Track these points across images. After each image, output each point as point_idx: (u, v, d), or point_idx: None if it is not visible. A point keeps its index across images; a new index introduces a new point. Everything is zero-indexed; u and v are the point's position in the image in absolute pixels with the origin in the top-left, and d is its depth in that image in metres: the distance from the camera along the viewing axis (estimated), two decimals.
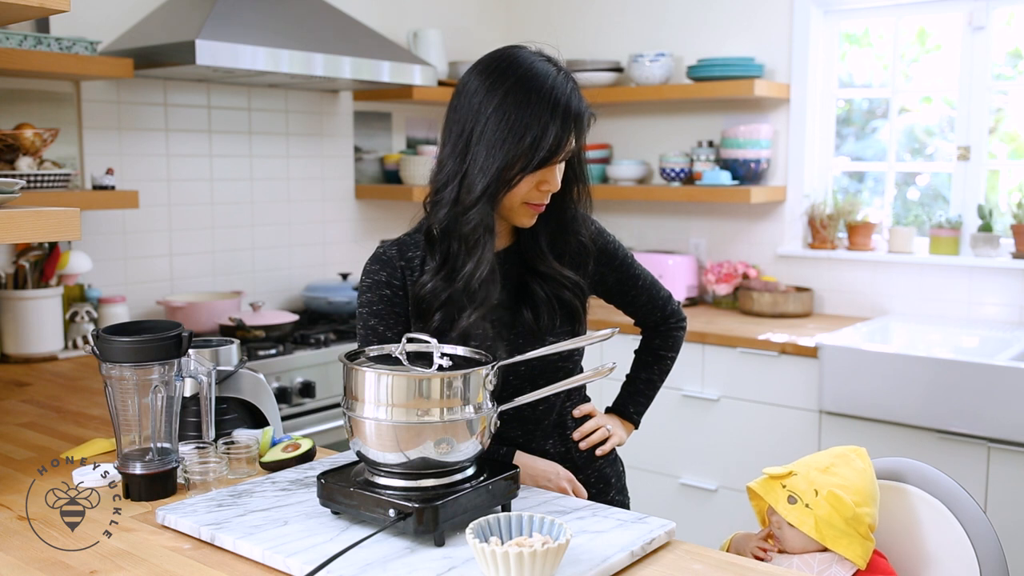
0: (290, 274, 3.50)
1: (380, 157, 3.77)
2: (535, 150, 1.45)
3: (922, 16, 3.40)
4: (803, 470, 1.53)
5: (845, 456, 1.55)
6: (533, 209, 1.53)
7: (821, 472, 1.51)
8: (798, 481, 1.51)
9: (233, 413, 1.76)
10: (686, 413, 3.23)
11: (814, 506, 1.48)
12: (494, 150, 1.45)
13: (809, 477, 1.51)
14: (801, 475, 1.52)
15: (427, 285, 1.52)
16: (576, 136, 1.50)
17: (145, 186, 3.02)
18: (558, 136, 1.45)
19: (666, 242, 3.89)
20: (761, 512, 1.59)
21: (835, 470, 1.52)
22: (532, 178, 1.49)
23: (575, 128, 1.49)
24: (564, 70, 1.52)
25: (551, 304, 1.58)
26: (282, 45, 2.80)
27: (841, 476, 1.50)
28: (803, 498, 1.49)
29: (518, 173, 1.46)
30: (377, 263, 1.61)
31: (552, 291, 1.58)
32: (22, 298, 2.63)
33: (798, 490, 1.50)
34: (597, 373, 1.38)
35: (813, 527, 1.47)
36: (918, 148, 3.53)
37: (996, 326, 3.11)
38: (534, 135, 1.44)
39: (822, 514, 1.47)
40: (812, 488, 1.49)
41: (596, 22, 3.98)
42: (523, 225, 1.56)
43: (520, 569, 1.09)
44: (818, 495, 1.48)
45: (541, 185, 1.50)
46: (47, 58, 2.52)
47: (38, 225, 1.50)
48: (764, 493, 1.54)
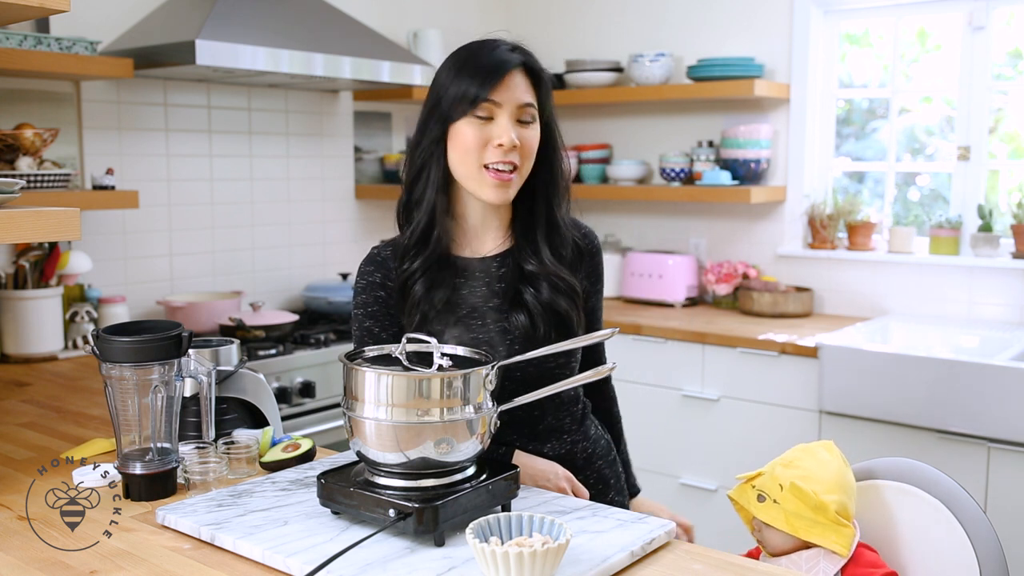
0: (290, 274, 3.50)
1: (380, 157, 3.77)
2: (458, 100, 1.50)
3: (922, 16, 3.40)
4: (769, 468, 1.58)
5: (809, 450, 1.59)
6: (495, 177, 1.51)
7: (784, 467, 1.56)
8: (765, 479, 1.56)
9: (233, 413, 1.76)
10: (686, 413, 3.23)
11: (781, 500, 1.52)
12: (428, 108, 1.55)
13: (774, 474, 1.56)
14: (767, 473, 1.57)
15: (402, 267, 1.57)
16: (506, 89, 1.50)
17: (145, 186, 3.02)
18: (476, 81, 1.49)
19: (666, 242, 3.89)
20: (747, 520, 1.62)
21: (797, 463, 1.55)
22: (471, 132, 1.50)
23: (494, 76, 1.49)
24: (508, 44, 1.55)
25: (546, 314, 1.57)
26: (282, 45, 2.80)
27: (803, 468, 1.54)
28: (770, 494, 1.54)
29: (447, 123, 1.52)
30: (371, 264, 1.61)
31: (547, 299, 1.57)
32: (22, 298, 2.63)
33: (765, 488, 1.55)
34: (597, 373, 1.38)
35: (784, 521, 1.51)
36: (918, 148, 3.54)
37: (996, 326, 3.11)
38: (458, 86, 1.51)
39: (790, 507, 1.51)
40: (777, 484, 1.54)
41: (596, 22, 3.98)
42: (490, 199, 1.53)
43: (520, 569, 1.09)
44: (783, 489, 1.52)
45: (493, 141, 1.50)
46: (47, 58, 2.52)
47: (38, 225, 1.50)
48: (738, 497, 1.60)
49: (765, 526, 1.54)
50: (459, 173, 1.54)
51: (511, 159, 1.51)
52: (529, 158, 1.55)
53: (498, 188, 1.52)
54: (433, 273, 1.56)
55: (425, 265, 1.56)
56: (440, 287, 1.56)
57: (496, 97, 1.50)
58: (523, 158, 1.53)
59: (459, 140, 1.52)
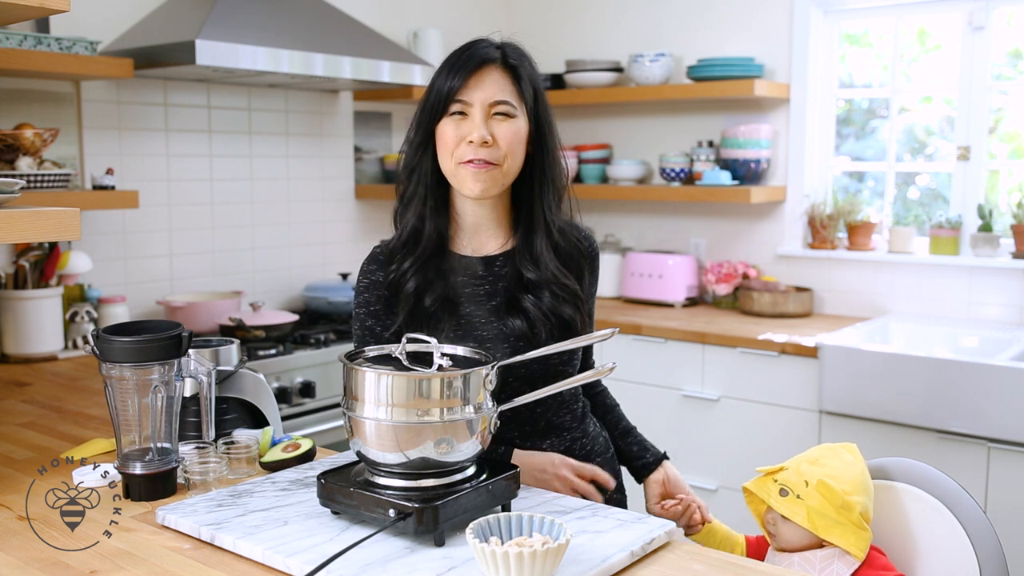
0: (290, 274, 3.50)
1: (380, 157, 3.77)
2: (437, 98, 1.54)
3: (922, 16, 3.40)
4: (794, 464, 1.57)
5: (834, 450, 1.58)
6: (469, 168, 1.52)
7: (811, 464, 1.55)
8: (789, 474, 1.55)
9: (233, 413, 1.76)
10: (686, 413, 3.23)
11: (805, 496, 1.51)
12: (417, 112, 1.58)
13: (799, 469, 1.54)
14: (792, 469, 1.55)
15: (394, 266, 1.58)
16: (476, 85, 1.52)
17: (145, 186, 3.02)
18: (450, 80, 1.52)
19: (666, 242, 3.89)
20: (759, 514, 1.61)
21: (824, 461, 1.55)
22: (450, 130, 1.53)
23: (464, 72, 1.52)
24: (487, 42, 1.57)
25: (547, 320, 1.57)
26: (282, 45, 2.80)
27: (830, 467, 1.53)
28: (794, 490, 1.52)
29: (432, 122, 1.55)
30: (374, 263, 1.61)
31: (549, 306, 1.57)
32: (22, 298, 2.63)
33: (789, 483, 1.53)
34: (597, 373, 1.38)
35: (805, 517, 1.50)
36: (918, 148, 3.53)
37: (996, 326, 3.11)
38: (438, 86, 1.54)
39: (813, 504, 1.50)
40: (802, 479, 1.52)
41: (596, 22, 3.99)
42: (471, 193, 1.54)
43: (520, 569, 1.09)
44: (808, 485, 1.51)
45: (465, 138, 1.52)
46: (47, 58, 2.52)
47: (38, 225, 1.50)
48: (757, 490, 1.57)
49: (782, 520, 1.53)
50: (445, 171, 1.57)
51: (481, 155, 1.51)
52: (511, 153, 1.54)
53: (474, 181, 1.53)
54: (425, 272, 1.56)
55: (416, 264, 1.56)
56: (433, 286, 1.56)
57: (465, 95, 1.52)
58: (503, 152, 1.53)
59: (441, 139, 1.55)
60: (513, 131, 1.54)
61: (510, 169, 1.55)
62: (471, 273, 1.60)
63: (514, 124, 1.54)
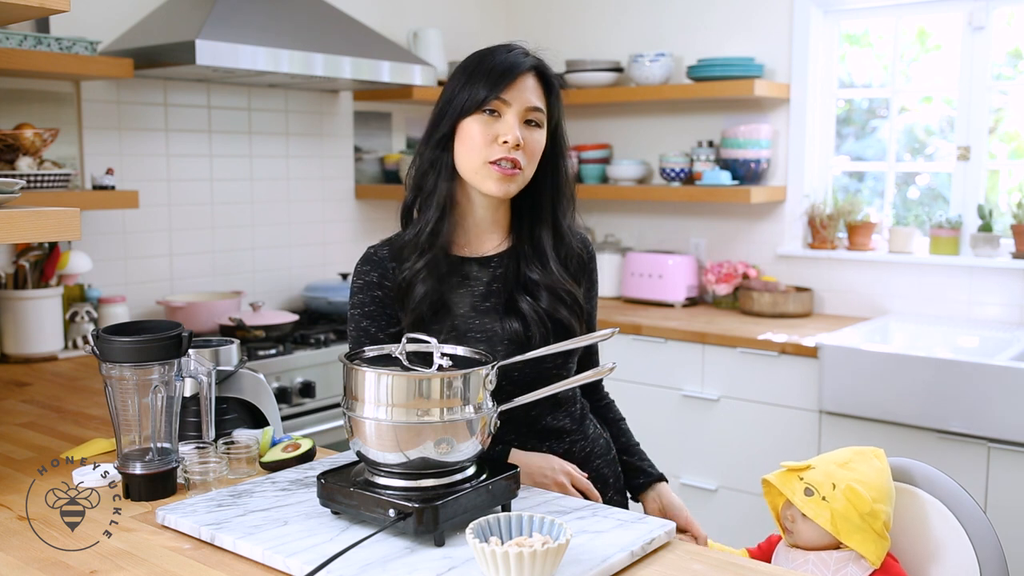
0: (290, 274, 3.50)
1: (380, 157, 3.77)
2: (469, 97, 1.53)
3: (922, 16, 3.40)
4: (822, 464, 1.54)
5: (864, 454, 1.55)
6: (498, 171, 1.52)
7: (840, 466, 1.52)
8: (816, 474, 1.52)
9: (233, 413, 1.76)
10: (686, 413, 3.23)
11: (831, 499, 1.48)
12: (440, 108, 1.57)
13: (827, 471, 1.51)
14: (819, 469, 1.52)
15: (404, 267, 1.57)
16: (516, 89, 1.52)
17: (145, 186, 3.02)
18: (491, 82, 1.52)
19: (666, 242, 3.89)
20: (775, 507, 1.59)
21: (853, 465, 1.52)
22: (478, 128, 1.52)
23: (507, 76, 1.52)
24: (522, 49, 1.57)
25: (543, 322, 1.57)
26: (282, 45, 2.80)
27: (860, 472, 1.51)
28: (820, 491, 1.49)
29: (455, 120, 1.54)
30: (368, 264, 1.61)
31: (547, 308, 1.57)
32: (22, 298, 2.63)
33: (816, 483, 1.50)
34: (597, 373, 1.38)
35: (829, 520, 1.48)
36: (918, 148, 3.53)
37: (996, 326, 3.11)
38: (470, 86, 1.53)
39: (839, 507, 1.47)
40: (830, 482, 1.50)
41: (596, 22, 3.99)
42: (494, 192, 1.54)
43: (520, 569, 1.09)
44: (835, 488, 1.49)
45: (498, 138, 1.51)
46: (47, 58, 2.52)
47: (38, 225, 1.50)
48: (781, 485, 1.54)
49: (802, 518, 1.52)
50: (463, 168, 1.55)
51: (515, 156, 1.52)
52: (532, 160, 1.56)
53: (500, 181, 1.53)
54: (436, 272, 1.56)
55: (430, 264, 1.56)
56: (442, 286, 1.56)
57: (506, 96, 1.52)
58: (527, 159, 1.54)
59: (466, 136, 1.53)
60: (540, 141, 1.57)
61: (529, 175, 1.57)
62: (468, 273, 1.60)
63: (540, 134, 1.57)
